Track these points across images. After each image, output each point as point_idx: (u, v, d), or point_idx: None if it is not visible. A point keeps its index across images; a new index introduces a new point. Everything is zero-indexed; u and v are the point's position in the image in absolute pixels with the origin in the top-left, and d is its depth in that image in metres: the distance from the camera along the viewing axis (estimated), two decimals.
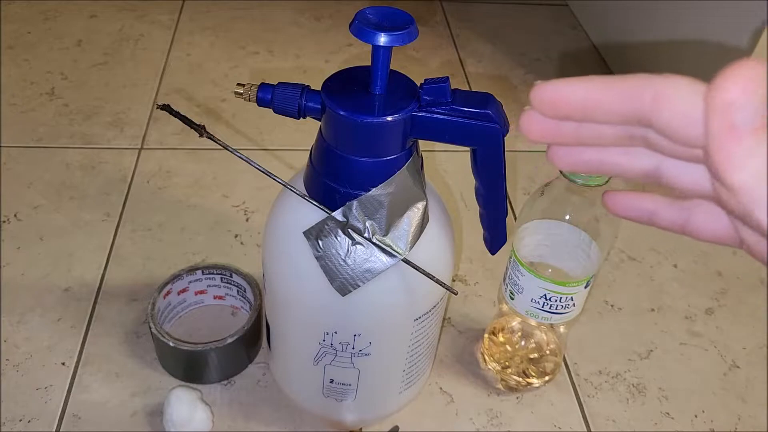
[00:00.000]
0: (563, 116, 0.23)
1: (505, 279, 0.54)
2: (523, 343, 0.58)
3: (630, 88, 0.21)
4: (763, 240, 0.22)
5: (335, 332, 0.45)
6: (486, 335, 0.60)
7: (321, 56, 0.98)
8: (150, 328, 0.54)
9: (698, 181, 0.23)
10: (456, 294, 0.43)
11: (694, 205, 0.25)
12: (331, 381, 0.49)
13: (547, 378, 0.58)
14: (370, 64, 0.39)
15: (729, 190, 0.20)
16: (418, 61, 0.99)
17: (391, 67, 0.40)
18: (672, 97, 0.20)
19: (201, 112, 0.86)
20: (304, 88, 0.41)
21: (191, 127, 0.39)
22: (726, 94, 0.19)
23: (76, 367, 0.57)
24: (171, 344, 0.53)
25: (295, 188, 0.42)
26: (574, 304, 0.52)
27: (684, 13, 0.82)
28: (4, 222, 0.69)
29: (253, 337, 0.57)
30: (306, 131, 0.83)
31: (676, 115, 0.20)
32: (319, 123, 0.42)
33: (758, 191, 0.19)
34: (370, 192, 0.40)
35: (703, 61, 0.79)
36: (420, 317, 0.46)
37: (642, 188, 0.27)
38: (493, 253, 0.50)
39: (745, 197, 0.20)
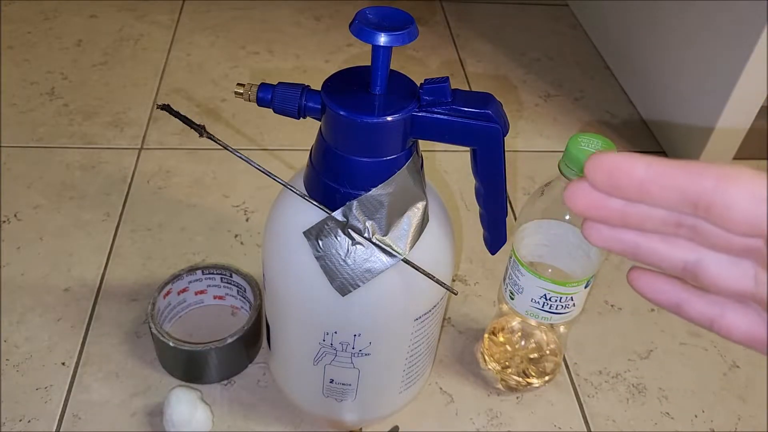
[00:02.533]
0: (617, 190, 0.22)
1: (505, 279, 0.54)
2: (523, 343, 0.58)
3: (693, 167, 0.21)
4: None
5: (335, 332, 0.45)
6: (486, 335, 0.60)
7: (321, 56, 0.98)
8: (150, 328, 0.54)
9: (740, 279, 0.23)
10: (456, 294, 0.43)
11: (727, 302, 0.24)
12: (331, 381, 0.49)
13: (547, 378, 0.58)
14: (370, 64, 0.39)
15: None
16: (418, 61, 0.99)
17: (391, 67, 0.40)
18: (738, 178, 0.20)
19: (201, 112, 0.86)
20: (304, 88, 0.41)
21: (191, 127, 0.39)
22: None
23: (76, 367, 0.57)
24: (171, 344, 0.53)
25: (295, 188, 0.42)
26: (574, 304, 0.52)
27: (684, 13, 0.82)
28: (4, 222, 0.69)
29: (253, 337, 0.57)
30: (306, 131, 0.83)
31: (742, 195, 0.20)
32: (319, 123, 0.42)
33: None
34: (370, 192, 0.40)
35: (703, 61, 0.79)
36: (420, 317, 0.46)
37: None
38: (493, 253, 0.50)
39: None
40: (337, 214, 0.41)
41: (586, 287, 0.51)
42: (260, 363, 0.58)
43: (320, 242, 0.41)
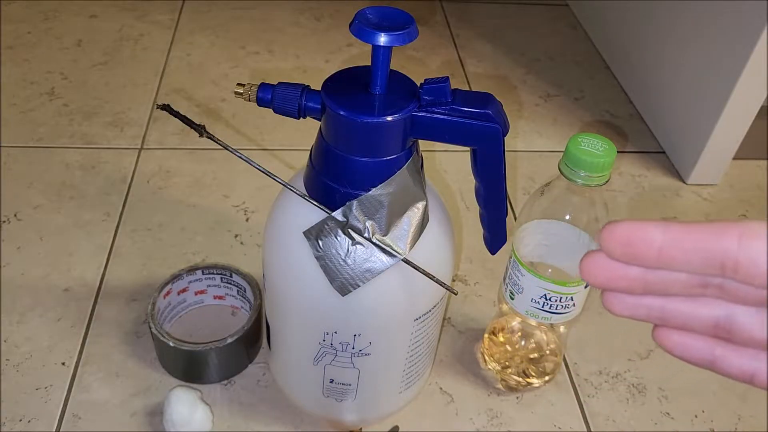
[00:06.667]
0: (636, 259, 0.21)
1: (505, 279, 0.54)
2: (523, 343, 0.58)
3: (712, 227, 0.20)
4: None
5: (335, 332, 0.45)
6: (486, 335, 0.60)
7: (321, 56, 0.98)
8: (150, 328, 0.54)
9: None
10: (456, 294, 0.43)
11: (763, 354, 0.23)
12: (331, 381, 0.49)
13: (547, 378, 0.58)
14: (370, 64, 0.39)
15: None
16: (418, 61, 0.99)
17: (391, 67, 0.40)
18: (761, 233, 0.19)
19: (201, 112, 0.86)
20: (304, 88, 0.41)
21: (191, 127, 0.39)
22: None
23: (76, 367, 0.57)
24: (171, 344, 0.53)
25: (295, 188, 0.42)
26: (574, 304, 0.52)
27: (684, 13, 0.82)
28: (4, 222, 0.69)
29: (253, 337, 0.57)
30: (306, 131, 0.83)
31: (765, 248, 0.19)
32: (319, 123, 0.42)
33: None
34: (370, 192, 0.40)
35: (703, 61, 0.79)
36: (420, 317, 0.46)
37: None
38: (493, 253, 0.50)
39: None
40: (337, 214, 0.41)
41: (586, 287, 0.51)
42: (260, 363, 0.58)
43: (320, 242, 0.41)
